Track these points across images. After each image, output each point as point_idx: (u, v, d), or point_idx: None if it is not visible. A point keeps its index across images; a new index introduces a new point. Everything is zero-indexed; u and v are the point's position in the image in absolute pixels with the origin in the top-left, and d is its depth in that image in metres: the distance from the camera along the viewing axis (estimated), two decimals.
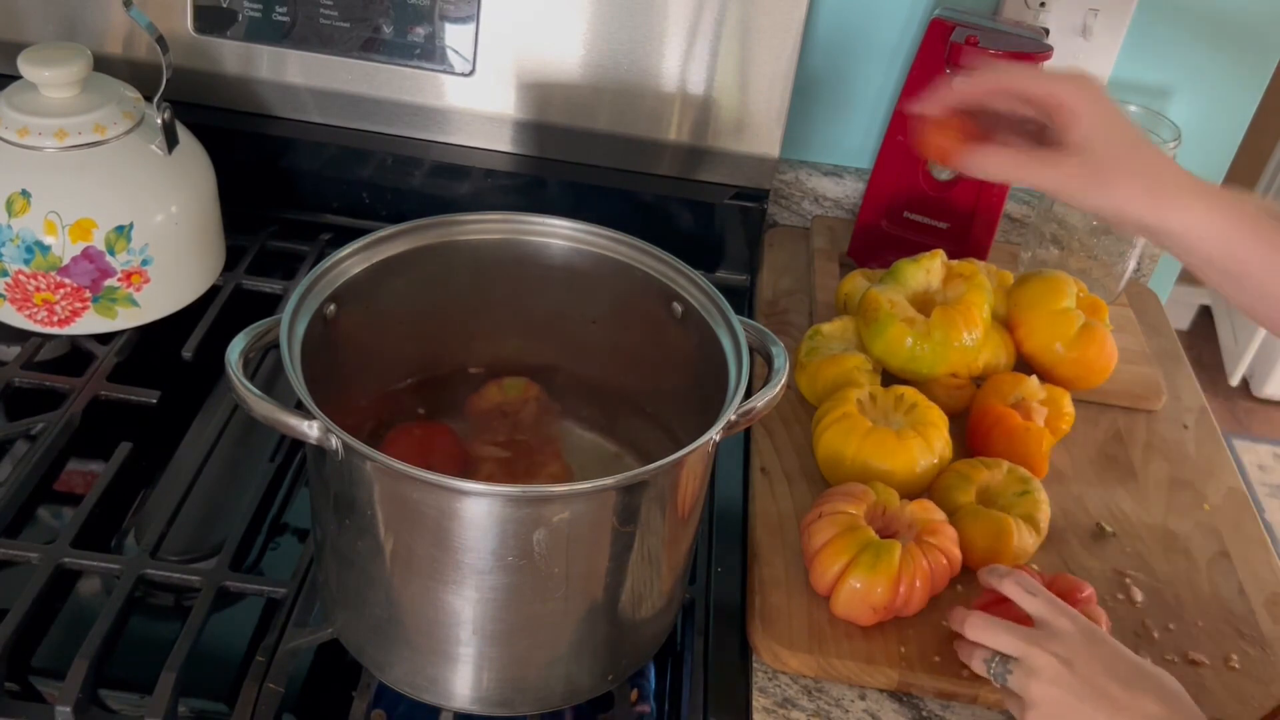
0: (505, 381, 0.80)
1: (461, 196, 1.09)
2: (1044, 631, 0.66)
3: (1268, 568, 0.84)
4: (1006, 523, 0.79)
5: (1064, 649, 0.65)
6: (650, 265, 0.75)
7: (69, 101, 0.88)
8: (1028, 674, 0.65)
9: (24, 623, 0.70)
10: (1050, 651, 0.65)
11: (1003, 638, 0.67)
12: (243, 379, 0.61)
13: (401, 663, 0.68)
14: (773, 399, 0.67)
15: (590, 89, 1.03)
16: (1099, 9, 1.04)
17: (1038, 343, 0.94)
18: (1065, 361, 0.93)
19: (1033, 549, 0.80)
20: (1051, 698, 0.64)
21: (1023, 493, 0.82)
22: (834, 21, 1.08)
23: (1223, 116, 1.11)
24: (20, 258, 0.87)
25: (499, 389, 0.80)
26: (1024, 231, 1.16)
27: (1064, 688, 0.64)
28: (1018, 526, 0.79)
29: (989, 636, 0.68)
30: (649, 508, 0.63)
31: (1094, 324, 0.94)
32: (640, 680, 0.75)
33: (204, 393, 0.92)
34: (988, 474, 0.83)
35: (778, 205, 1.18)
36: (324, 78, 1.05)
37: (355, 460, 0.60)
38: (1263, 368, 2.62)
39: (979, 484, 0.82)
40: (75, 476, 0.85)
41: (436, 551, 0.61)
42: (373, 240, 0.72)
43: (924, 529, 0.76)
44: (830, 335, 0.93)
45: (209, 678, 0.71)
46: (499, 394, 0.80)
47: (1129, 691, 0.63)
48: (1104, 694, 0.63)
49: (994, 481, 0.83)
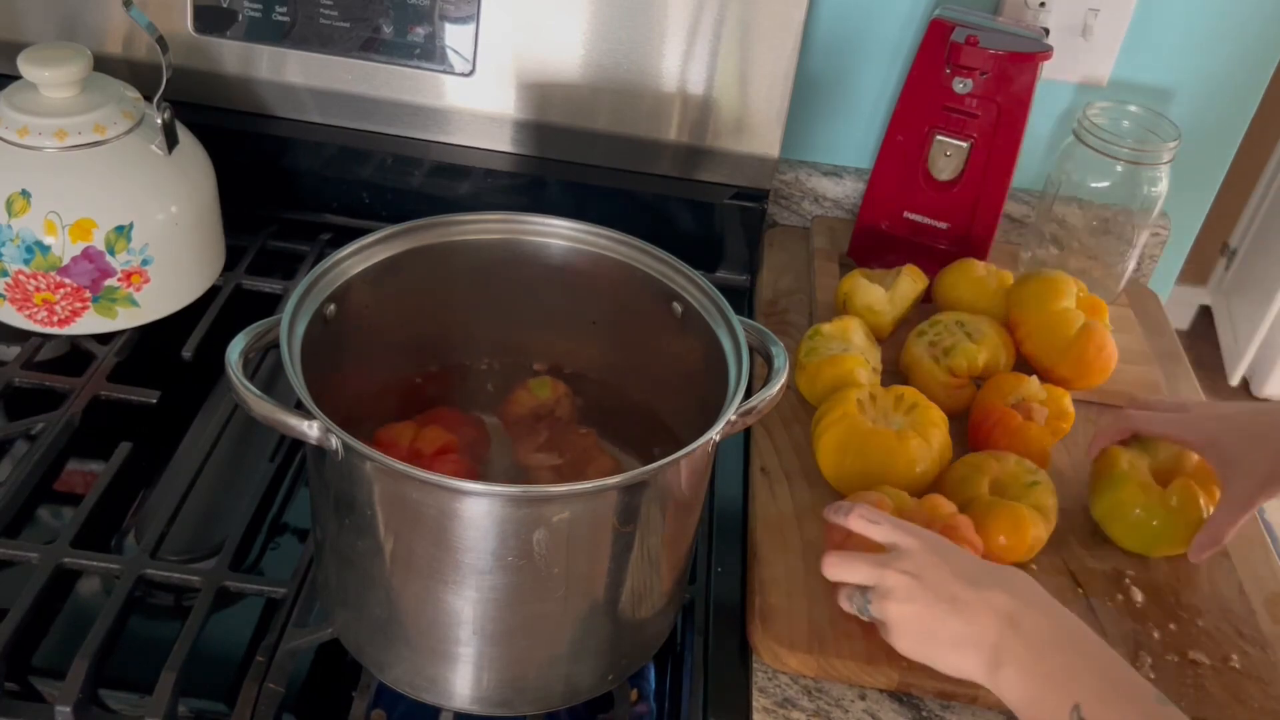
0: (531, 383, 0.80)
1: (461, 197, 1.09)
2: (893, 554, 0.69)
3: (1268, 568, 0.84)
4: (1023, 513, 0.79)
5: (912, 565, 0.67)
6: (650, 265, 0.75)
7: (69, 101, 0.88)
8: (883, 597, 0.68)
9: (24, 622, 0.70)
10: (899, 570, 0.67)
11: (856, 568, 0.69)
12: (243, 379, 0.61)
13: (401, 663, 0.68)
14: (772, 399, 0.67)
15: (590, 89, 1.03)
16: (1099, 9, 1.04)
17: (1038, 343, 0.94)
18: (1065, 361, 0.93)
19: (1045, 538, 0.80)
20: (906, 614, 0.67)
21: (1033, 483, 0.82)
22: (834, 21, 1.08)
23: (1223, 116, 1.11)
24: (20, 258, 0.87)
25: (528, 393, 0.79)
26: (1024, 231, 1.16)
27: (916, 601, 0.66)
28: (1032, 517, 0.79)
29: (844, 571, 0.70)
30: (649, 508, 0.63)
31: (1094, 324, 0.94)
32: (640, 680, 0.75)
33: (204, 393, 0.92)
34: (998, 466, 0.83)
35: (778, 205, 1.18)
36: (324, 78, 1.05)
37: (355, 460, 0.60)
38: (1263, 368, 2.62)
39: (990, 475, 0.82)
40: (75, 476, 0.85)
41: (436, 551, 0.61)
42: (373, 240, 0.72)
43: (944, 525, 0.76)
44: (830, 335, 0.93)
45: (209, 678, 0.71)
46: (531, 397, 0.79)
47: (976, 590, 0.65)
48: (953, 598, 0.65)
49: (1004, 473, 0.83)
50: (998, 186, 1.03)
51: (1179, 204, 1.15)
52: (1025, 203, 1.16)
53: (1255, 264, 2.67)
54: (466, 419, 0.78)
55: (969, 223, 1.05)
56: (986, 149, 1.01)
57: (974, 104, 0.99)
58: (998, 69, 0.97)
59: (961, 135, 1.01)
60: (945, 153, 1.02)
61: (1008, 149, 1.01)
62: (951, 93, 0.99)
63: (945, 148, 1.02)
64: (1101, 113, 1.02)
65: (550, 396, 0.79)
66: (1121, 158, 1.00)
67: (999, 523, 0.78)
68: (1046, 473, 0.83)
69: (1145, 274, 1.18)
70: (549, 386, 0.80)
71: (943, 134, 1.02)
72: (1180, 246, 1.19)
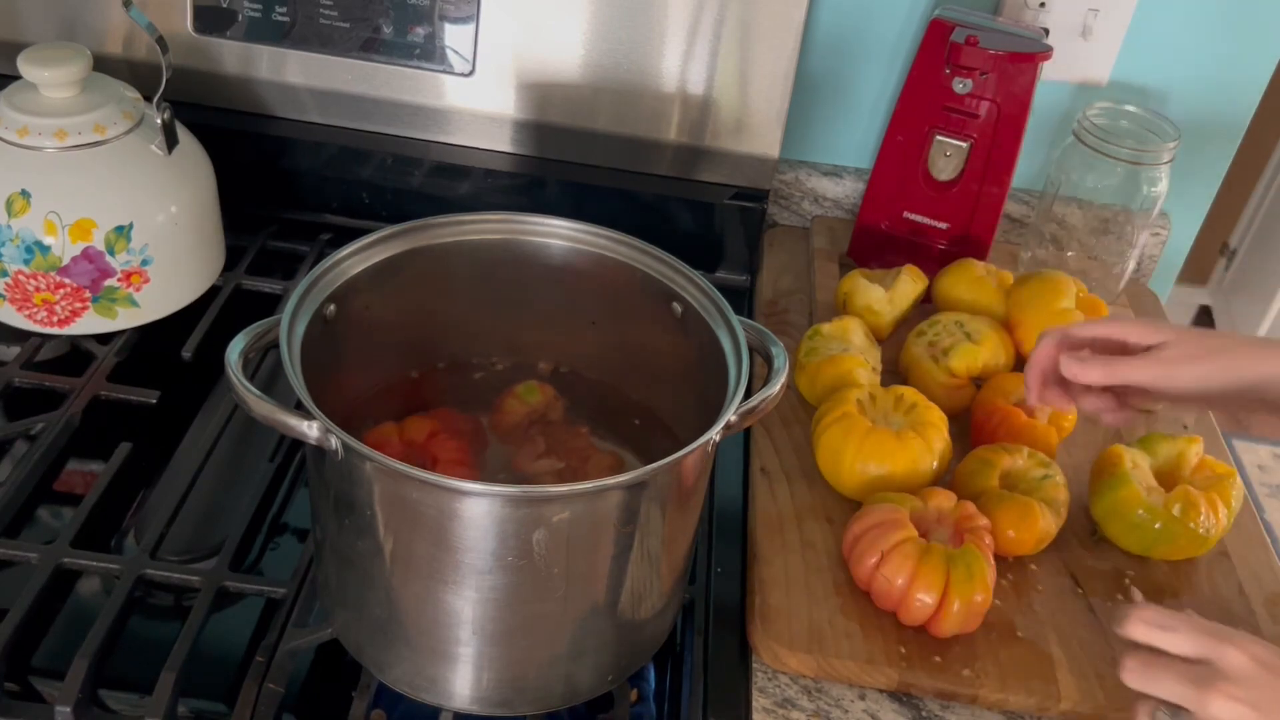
0: (519, 390, 0.79)
1: (461, 197, 1.09)
2: (1212, 670, 0.57)
3: (1268, 568, 0.84)
4: (1031, 505, 0.79)
5: (1245, 691, 0.56)
6: (650, 265, 0.75)
7: (69, 101, 0.88)
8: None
9: (24, 623, 0.70)
10: (1229, 697, 0.56)
11: (1166, 683, 0.58)
12: (242, 379, 0.61)
13: (401, 663, 0.68)
14: (772, 399, 0.67)
15: (590, 89, 1.03)
16: (1099, 9, 1.04)
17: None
18: None
19: (1054, 532, 0.81)
20: None
21: (1044, 477, 0.82)
22: (834, 21, 1.08)
23: (1222, 117, 1.11)
24: (20, 258, 0.87)
25: (518, 400, 0.79)
26: (1024, 231, 1.16)
27: None
28: (1041, 510, 0.79)
29: (1151, 684, 0.59)
30: (649, 508, 0.63)
31: None
32: (640, 680, 0.75)
33: (204, 393, 0.92)
34: (1009, 459, 0.83)
35: (777, 205, 1.18)
36: (324, 78, 1.05)
37: (355, 460, 0.60)
38: None
39: (1001, 469, 0.83)
40: (75, 476, 0.85)
41: (436, 551, 0.61)
42: (373, 240, 0.72)
43: (959, 521, 0.76)
44: (830, 335, 0.93)
45: (209, 678, 0.71)
46: (521, 404, 0.78)
47: None
48: None
49: (1015, 467, 0.83)
50: (998, 186, 1.03)
51: (1179, 204, 1.15)
52: (1025, 203, 1.16)
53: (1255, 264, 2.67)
54: (466, 419, 0.78)
55: (969, 223, 1.05)
56: (986, 149, 1.01)
57: (974, 104, 0.99)
58: (998, 69, 0.97)
59: (961, 135, 1.01)
60: (945, 153, 1.02)
61: (1008, 149, 1.01)
62: (951, 93, 0.99)
63: (945, 148, 1.02)
64: (1101, 113, 1.02)
65: (540, 401, 0.79)
66: (1121, 158, 1.00)
67: (1008, 515, 0.79)
68: (1058, 466, 0.84)
69: (1145, 274, 1.18)
70: (537, 391, 0.79)
71: (943, 134, 1.02)
72: (1180, 246, 1.19)
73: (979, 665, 0.74)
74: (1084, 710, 0.72)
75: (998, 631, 0.76)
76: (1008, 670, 0.74)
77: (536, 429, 0.78)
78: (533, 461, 0.76)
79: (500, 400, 0.79)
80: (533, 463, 0.75)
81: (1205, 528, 0.80)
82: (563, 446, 0.77)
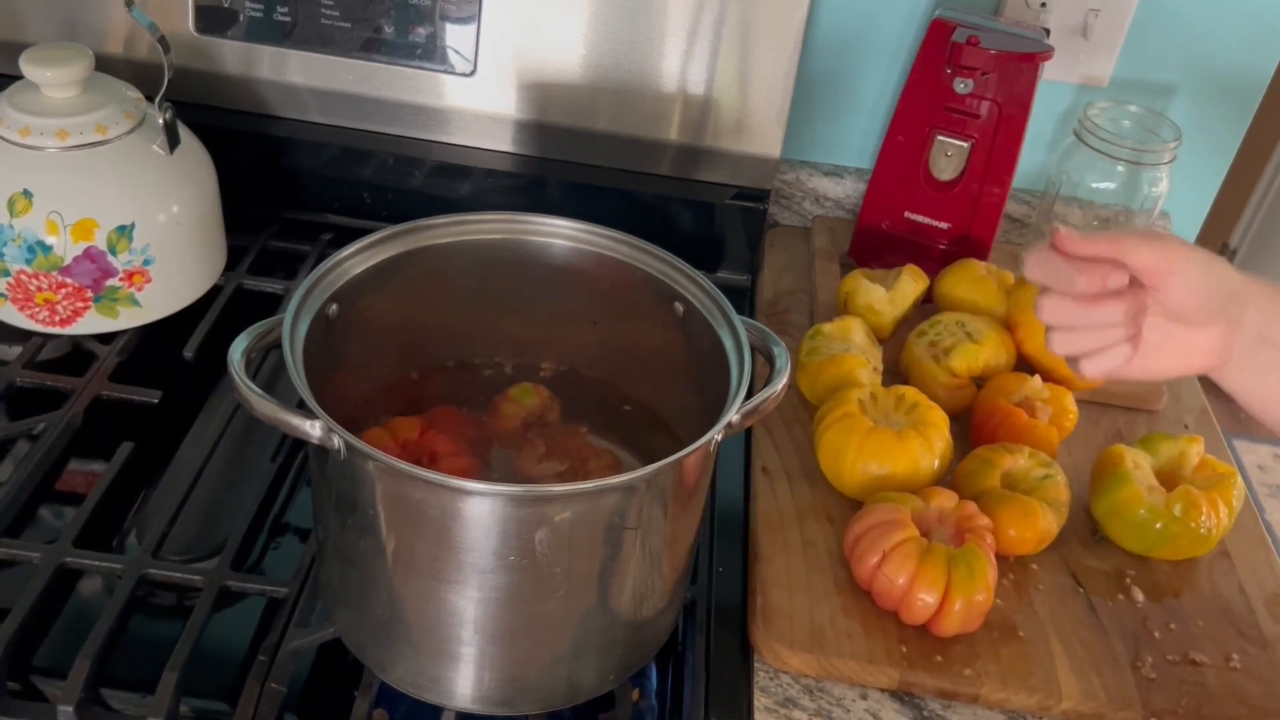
0: (514, 393, 0.79)
1: (462, 196, 1.09)
2: None
3: (1268, 568, 0.84)
4: (1033, 505, 0.79)
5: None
6: (651, 265, 0.75)
7: (71, 101, 0.88)
8: None
9: (26, 622, 0.70)
10: None
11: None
12: (245, 379, 0.61)
13: (403, 662, 0.68)
14: (774, 398, 0.67)
15: (591, 89, 1.04)
16: (1099, 9, 1.04)
17: (1038, 343, 0.94)
18: (1065, 361, 0.93)
19: (1055, 532, 0.81)
20: None
21: (1045, 476, 0.82)
22: (834, 21, 1.08)
23: (1222, 117, 1.11)
24: (22, 257, 0.87)
25: (514, 403, 0.79)
26: (1024, 231, 1.16)
27: None
28: (1042, 510, 0.80)
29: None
30: (650, 507, 0.64)
31: None
32: (641, 680, 0.75)
33: (206, 392, 0.92)
34: (1010, 459, 0.83)
35: (778, 205, 1.18)
36: (325, 78, 1.05)
37: (357, 460, 0.60)
38: None
39: (1002, 469, 0.83)
40: (77, 476, 0.85)
41: (438, 551, 0.61)
42: (374, 240, 0.72)
43: (960, 521, 0.76)
44: (831, 335, 0.93)
45: (211, 677, 0.71)
46: (518, 408, 0.78)
47: None
48: None
49: (1016, 466, 0.84)
50: (998, 186, 1.03)
51: (1179, 204, 1.15)
52: (1025, 203, 1.16)
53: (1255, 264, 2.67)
54: (467, 419, 0.78)
55: (969, 223, 1.05)
56: (987, 149, 1.01)
57: (975, 104, 0.99)
58: (998, 69, 0.97)
59: (962, 135, 1.01)
60: (946, 153, 1.02)
61: (1008, 149, 1.01)
62: (952, 93, 0.99)
63: (946, 148, 1.02)
64: (1102, 113, 1.02)
65: (536, 403, 0.79)
66: (1122, 158, 1.00)
67: (1009, 515, 0.79)
68: (1059, 465, 0.84)
69: None
70: (532, 393, 0.79)
71: (943, 134, 1.02)
72: None
73: (980, 665, 0.74)
74: (1085, 710, 0.73)
75: (999, 631, 0.76)
76: (1009, 670, 0.74)
77: (535, 431, 0.78)
78: (534, 465, 0.76)
79: (496, 404, 0.79)
80: (535, 466, 0.75)
81: (1206, 527, 0.81)
82: (563, 448, 0.77)
